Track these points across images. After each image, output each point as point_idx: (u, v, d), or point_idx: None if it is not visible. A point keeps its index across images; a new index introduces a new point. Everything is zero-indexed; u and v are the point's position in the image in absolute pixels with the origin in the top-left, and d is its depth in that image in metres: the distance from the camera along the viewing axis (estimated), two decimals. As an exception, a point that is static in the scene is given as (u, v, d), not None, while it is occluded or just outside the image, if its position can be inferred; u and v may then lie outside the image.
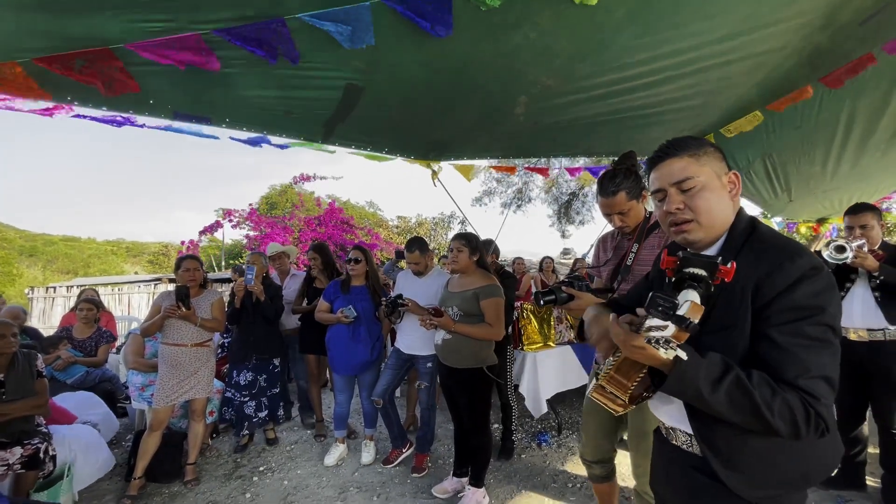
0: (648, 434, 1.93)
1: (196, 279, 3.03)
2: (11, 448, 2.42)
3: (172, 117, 3.38)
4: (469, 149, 4.87)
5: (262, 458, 3.38)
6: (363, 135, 4.24)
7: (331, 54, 2.61)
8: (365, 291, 3.38)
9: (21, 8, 1.91)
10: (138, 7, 1.97)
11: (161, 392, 2.91)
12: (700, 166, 1.00)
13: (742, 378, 0.87)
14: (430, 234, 19.16)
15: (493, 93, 3.10)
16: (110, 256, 31.79)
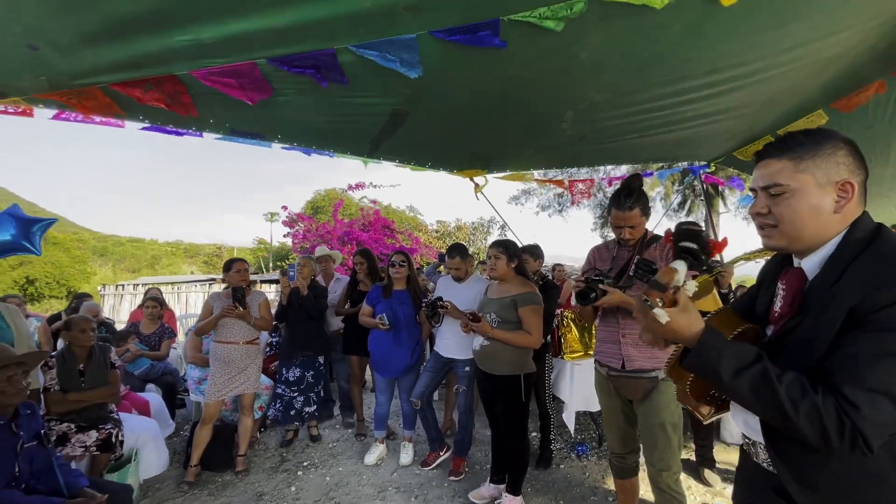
0: (658, 427, 1.96)
1: (246, 280, 3.22)
2: (88, 431, 2.67)
3: (229, 133, 3.64)
4: (513, 161, 4.88)
5: (306, 453, 3.53)
6: (407, 150, 4.36)
7: (378, 82, 2.72)
8: (406, 295, 3.46)
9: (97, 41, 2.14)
10: (205, 50, 2.16)
11: (212, 387, 3.11)
12: (798, 172, 0.91)
13: (770, 371, 0.84)
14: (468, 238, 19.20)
15: (539, 109, 3.12)
16: (170, 257, 34.20)
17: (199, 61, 2.29)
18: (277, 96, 2.75)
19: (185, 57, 2.25)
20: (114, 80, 2.47)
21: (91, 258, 26.31)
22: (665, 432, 1.96)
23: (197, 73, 2.40)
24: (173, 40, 2.10)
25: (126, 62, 2.31)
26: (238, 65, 2.40)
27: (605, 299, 1.95)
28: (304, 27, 2.14)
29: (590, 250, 2.39)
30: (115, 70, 2.38)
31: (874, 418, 0.78)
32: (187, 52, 2.16)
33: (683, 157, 5.42)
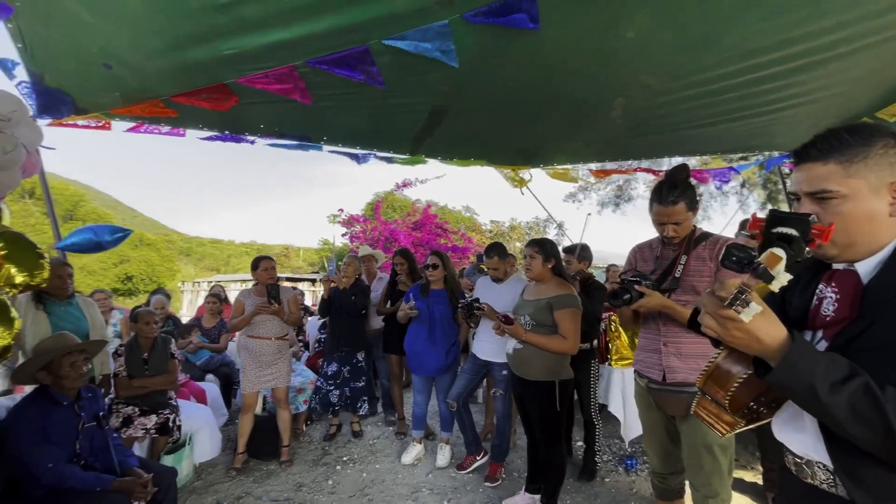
0: (704, 448, 1.75)
1: (273, 278, 3.35)
2: (149, 415, 2.91)
3: (279, 137, 3.83)
4: (559, 155, 4.69)
5: (347, 448, 3.61)
6: (449, 146, 4.34)
7: (415, 80, 2.71)
8: (443, 295, 3.43)
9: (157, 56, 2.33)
10: (249, 59, 2.27)
11: (245, 380, 3.28)
12: (847, 177, 0.83)
13: (872, 386, 0.73)
14: (523, 238, 18.83)
15: (584, 97, 2.95)
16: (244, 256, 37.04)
17: (243, 66, 2.40)
18: (319, 101, 2.84)
19: (231, 66, 2.37)
20: (173, 91, 2.68)
21: (177, 257, 29.09)
22: (712, 455, 1.75)
23: (243, 80, 2.54)
24: (221, 52, 2.24)
25: (182, 74, 2.50)
26: (279, 69, 2.51)
27: (641, 302, 1.79)
28: (341, 31, 2.18)
29: (631, 249, 2.21)
30: (173, 82, 2.59)
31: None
32: (232, 60, 2.28)
33: (759, 148, 4.91)
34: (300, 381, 3.84)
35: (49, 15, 2.07)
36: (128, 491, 1.94)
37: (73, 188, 32.64)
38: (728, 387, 0.95)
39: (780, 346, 0.80)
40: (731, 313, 0.80)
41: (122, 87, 2.69)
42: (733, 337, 0.83)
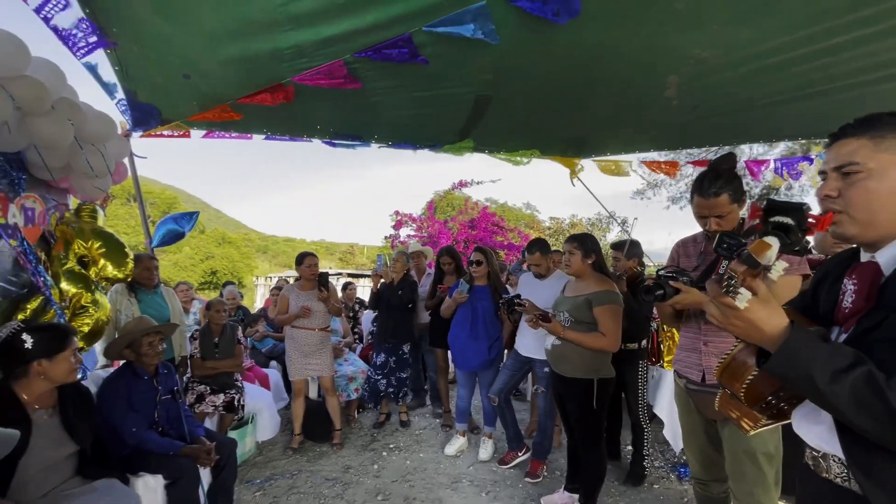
0: (746, 456, 1.65)
1: (316, 273, 3.56)
2: (218, 394, 3.24)
3: (333, 137, 4.06)
4: (610, 144, 4.52)
5: (394, 436, 3.76)
6: (496, 138, 4.34)
7: (457, 68, 2.77)
8: (487, 291, 3.46)
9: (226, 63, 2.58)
10: (304, 57, 2.46)
11: (292, 367, 3.53)
12: (878, 152, 0.82)
13: (876, 375, 0.72)
14: (584, 236, 18.19)
15: (632, 78, 2.83)
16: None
17: (298, 62, 2.57)
18: (369, 95, 2.98)
19: (288, 64, 2.57)
20: (239, 94, 2.95)
21: (255, 254, 31.59)
22: (755, 463, 1.64)
23: (297, 79, 2.75)
24: (282, 53, 2.44)
25: (245, 77, 2.74)
26: (328, 65, 2.68)
27: (676, 298, 1.71)
28: (385, 24, 2.29)
29: (674, 245, 2.11)
30: (238, 85, 2.85)
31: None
32: (288, 58, 2.46)
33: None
34: (352, 371, 4.06)
35: (139, 35, 2.37)
36: (195, 456, 2.20)
37: (169, 192, 36.56)
38: (743, 379, 0.94)
39: (779, 335, 0.80)
40: (728, 300, 0.80)
41: (197, 95, 3.02)
42: (734, 325, 0.84)
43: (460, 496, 2.82)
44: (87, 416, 1.88)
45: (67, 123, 2.27)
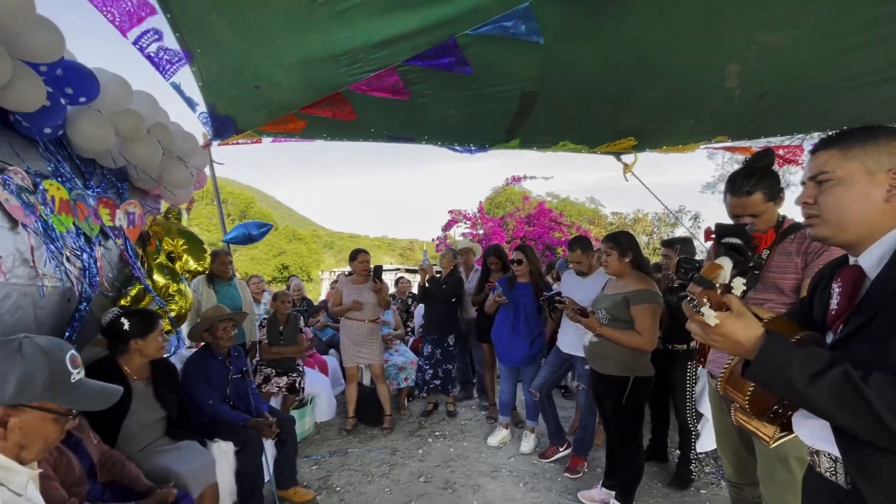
0: (777, 460, 1.61)
1: (368, 269, 3.80)
2: (282, 376, 3.61)
3: (387, 139, 4.30)
4: (667, 136, 4.35)
5: (440, 425, 3.95)
6: (544, 134, 4.34)
7: (502, 66, 2.86)
8: (529, 288, 3.52)
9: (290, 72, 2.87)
10: (359, 61, 2.67)
11: (345, 354, 3.82)
12: (844, 161, 0.89)
13: (852, 373, 0.75)
14: (649, 231, 17.30)
15: (687, 68, 2.75)
16: (375, 249, 41.21)
17: (353, 67, 2.79)
18: (416, 98, 3.16)
19: (344, 71, 2.80)
20: (303, 103, 3.25)
21: (322, 250, 33.51)
22: (786, 467, 1.59)
23: (353, 87, 2.99)
24: (339, 60, 2.68)
25: (308, 85, 3.02)
26: (380, 72, 2.88)
27: None
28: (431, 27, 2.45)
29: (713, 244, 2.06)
30: (302, 94, 3.14)
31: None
32: (346, 63, 2.69)
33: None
34: (402, 361, 4.30)
35: (218, 53, 2.70)
36: (259, 428, 2.51)
37: (246, 193, 39.75)
38: (744, 390, 0.97)
39: (755, 344, 0.85)
40: (699, 318, 0.87)
41: (267, 105, 3.35)
42: (714, 340, 0.89)
43: (498, 484, 2.93)
44: (172, 388, 2.24)
45: (158, 145, 2.66)
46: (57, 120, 2.04)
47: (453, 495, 2.78)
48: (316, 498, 2.72)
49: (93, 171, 2.45)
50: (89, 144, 2.26)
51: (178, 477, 1.94)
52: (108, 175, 2.60)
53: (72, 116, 2.14)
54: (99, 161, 2.50)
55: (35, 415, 1.00)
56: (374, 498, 2.74)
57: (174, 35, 2.49)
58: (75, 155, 2.34)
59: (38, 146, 2.10)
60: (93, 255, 2.20)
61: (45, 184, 2.01)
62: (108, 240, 2.40)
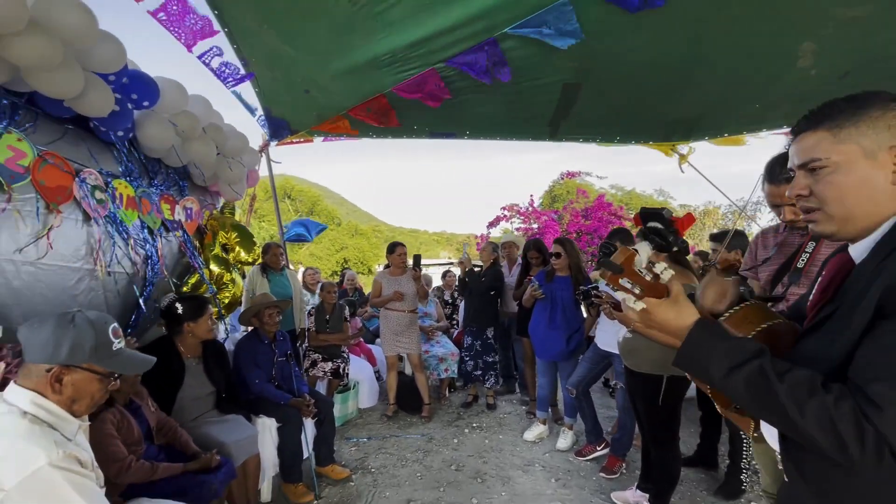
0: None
1: (405, 262, 3.90)
2: (328, 362, 3.82)
3: (428, 136, 4.38)
4: (730, 123, 4.06)
5: (478, 417, 3.98)
6: (589, 127, 4.22)
7: (541, 61, 2.83)
8: (567, 282, 3.44)
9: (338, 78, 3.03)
10: (398, 61, 2.77)
11: (385, 343, 3.94)
12: (837, 143, 0.77)
13: (767, 368, 0.71)
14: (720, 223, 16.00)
15: (751, 50, 2.57)
16: (433, 244, 41.75)
17: (393, 67, 2.90)
18: (457, 97, 3.21)
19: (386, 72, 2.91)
20: (350, 105, 3.42)
21: (382, 245, 34.63)
22: None
23: (395, 90, 3.11)
24: (380, 60, 2.79)
25: (354, 88, 3.18)
26: (422, 74, 2.96)
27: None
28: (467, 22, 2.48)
29: (755, 236, 1.92)
30: (349, 95, 3.31)
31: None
32: (387, 63, 2.80)
33: None
34: (442, 352, 4.37)
35: (271, 61, 2.93)
36: (299, 407, 2.69)
37: (314, 190, 41.96)
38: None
39: (683, 331, 0.82)
40: (630, 307, 0.84)
41: (317, 108, 3.57)
42: (649, 329, 0.86)
43: (529, 478, 2.91)
44: (221, 366, 2.47)
45: (213, 143, 2.92)
46: (126, 123, 2.32)
47: (482, 485, 2.81)
48: (351, 476, 2.87)
49: (158, 169, 2.75)
50: (154, 144, 2.53)
51: (223, 446, 2.15)
52: (172, 174, 2.90)
53: (138, 120, 2.42)
54: (164, 160, 2.79)
55: (84, 374, 1.17)
56: (406, 481, 2.84)
57: (231, 47, 2.74)
58: (143, 156, 2.64)
59: (112, 149, 2.40)
60: (154, 246, 2.48)
61: (114, 182, 2.29)
62: (169, 232, 2.69)
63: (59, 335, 1.15)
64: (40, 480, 0.97)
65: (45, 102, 1.93)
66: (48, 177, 1.94)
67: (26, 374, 1.13)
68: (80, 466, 1.06)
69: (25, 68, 1.71)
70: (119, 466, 1.68)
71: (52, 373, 1.12)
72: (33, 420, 1.07)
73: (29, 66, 1.69)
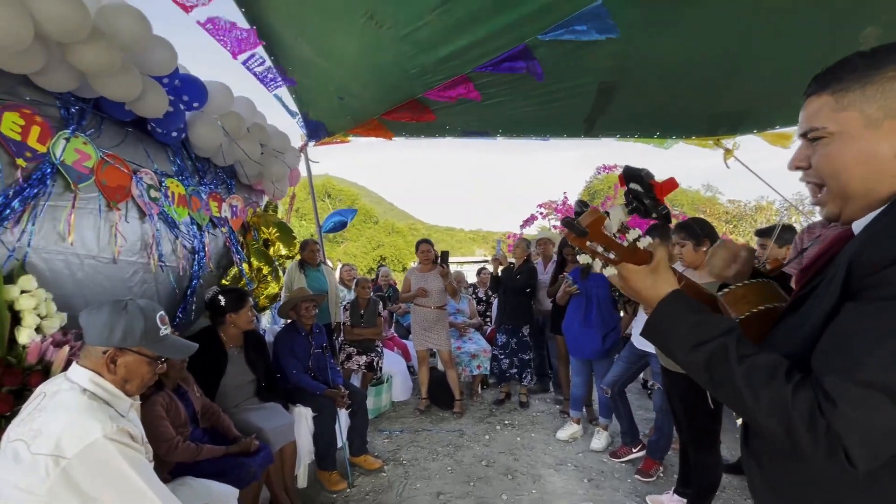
0: None
1: (430, 259, 3.92)
2: (362, 355, 3.92)
3: (461, 135, 4.41)
4: (782, 114, 3.83)
5: (511, 415, 3.96)
6: (627, 123, 4.12)
7: (575, 64, 2.79)
8: (603, 278, 3.35)
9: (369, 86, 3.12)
10: (428, 73, 2.82)
11: (414, 338, 3.99)
12: (838, 110, 0.67)
13: (730, 349, 0.67)
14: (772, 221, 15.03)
15: (809, 39, 2.44)
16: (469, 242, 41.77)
17: (423, 78, 2.96)
18: (488, 98, 3.23)
19: (417, 82, 2.97)
20: (383, 110, 3.51)
21: (418, 243, 35.08)
22: None
23: (427, 94, 3.16)
24: (409, 73, 2.86)
25: (386, 96, 3.27)
26: (452, 79, 3.00)
27: None
28: (498, 33, 2.50)
29: (800, 230, 1.81)
30: (382, 102, 3.40)
31: (860, 421, 0.55)
32: (416, 76, 2.86)
33: None
34: (475, 349, 4.38)
35: (306, 71, 3.05)
36: (333, 398, 2.78)
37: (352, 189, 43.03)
38: None
39: (657, 303, 0.78)
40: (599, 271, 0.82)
41: (351, 113, 3.69)
42: (629, 292, 0.83)
43: (561, 477, 2.87)
44: (261, 356, 2.59)
45: (257, 142, 3.06)
46: (179, 123, 2.47)
47: (512, 482, 2.80)
48: (383, 467, 2.94)
49: (207, 169, 2.91)
50: (204, 143, 2.68)
51: (261, 432, 2.26)
52: (220, 173, 3.06)
53: (189, 120, 2.57)
54: (213, 160, 2.95)
55: (135, 357, 1.27)
56: (436, 474, 2.87)
57: (269, 58, 2.89)
58: (194, 156, 2.80)
59: (166, 150, 2.57)
60: (202, 241, 2.64)
61: (167, 181, 2.45)
62: (216, 228, 2.85)
63: (113, 320, 1.25)
64: (97, 450, 1.06)
65: (109, 107, 2.10)
66: (109, 177, 2.11)
67: (86, 355, 1.24)
68: (132, 440, 1.15)
69: (91, 74, 1.86)
70: (168, 445, 1.80)
71: (108, 354, 1.22)
72: (91, 397, 1.17)
73: (93, 72, 1.84)
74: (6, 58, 1.60)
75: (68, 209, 1.90)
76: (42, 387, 1.22)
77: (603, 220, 0.77)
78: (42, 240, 1.80)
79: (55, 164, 1.82)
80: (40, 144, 1.77)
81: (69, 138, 1.89)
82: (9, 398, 1.43)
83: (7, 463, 1.06)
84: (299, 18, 2.47)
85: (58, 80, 1.81)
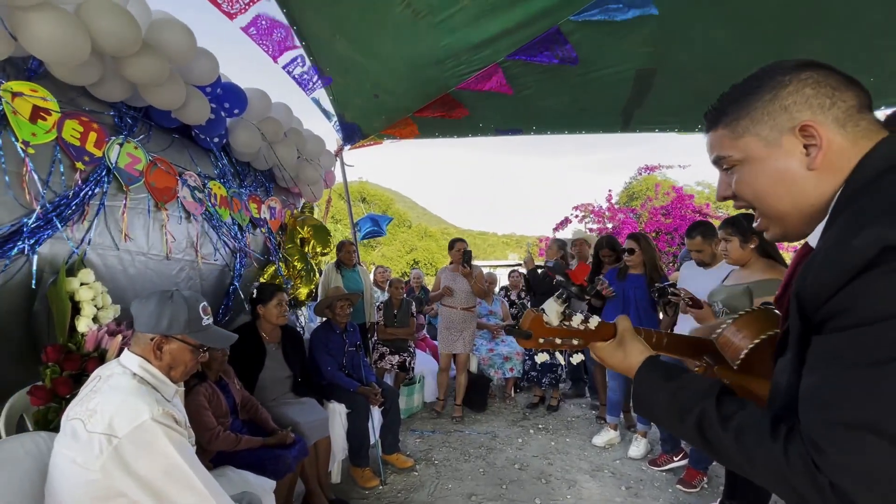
0: None
1: (458, 258, 3.88)
2: (395, 355, 3.95)
3: (494, 132, 4.40)
4: None
5: (545, 419, 3.88)
6: (666, 115, 3.99)
7: (612, 47, 2.74)
8: (641, 280, 3.24)
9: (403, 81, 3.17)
10: (462, 63, 2.84)
11: (441, 342, 3.94)
12: (735, 139, 0.68)
13: (709, 413, 0.63)
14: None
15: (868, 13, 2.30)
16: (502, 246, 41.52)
17: (457, 69, 2.98)
18: (520, 91, 3.20)
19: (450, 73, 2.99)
20: (417, 106, 3.55)
21: (451, 247, 35.15)
22: None
23: (460, 87, 3.18)
24: (443, 64, 2.88)
25: (420, 89, 3.30)
26: (485, 70, 3.00)
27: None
28: (530, 19, 2.49)
29: None
30: (415, 97, 3.44)
31: (854, 466, 0.49)
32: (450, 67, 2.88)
33: None
34: (507, 351, 4.33)
35: (341, 66, 3.13)
36: (366, 395, 2.82)
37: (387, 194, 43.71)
38: None
39: (634, 375, 0.78)
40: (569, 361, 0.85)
41: (385, 111, 3.75)
42: (608, 367, 0.87)
43: (597, 483, 2.78)
44: (297, 352, 2.66)
45: (294, 146, 3.17)
46: (220, 129, 2.59)
47: (546, 486, 2.74)
48: (415, 466, 2.94)
49: (247, 173, 3.03)
50: (244, 148, 2.80)
51: (297, 426, 2.31)
52: (259, 176, 3.18)
53: (230, 126, 2.69)
54: (252, 164, 3.08)
55: (179, 345, 1.33)
56: (468, 475, 2.85)
57: (309, 59, 2.98)
58: (235, 160, 2.93)
59: (209, 155, 2.69)
60: (243, 240, 2.74)
61: (210, 184, 2.57)
62: (256, 228, 2.96)
63: (160, 309, 1.32)
64: (145, 431, 1.12)
65: (156, 115, 2.23)
66: (158, 179, 2.24)
67: (136, 341, 1.31)
68: (176, 424, 1.21)
69: (140, 85, 1.98)
70: (210, 434, 1.88)
71: (155, 341, 1.29)
72: (140, 381, 1.24)
73: (143, 83, 1.96)
74: (66, 71, 1.73)
75: (121, 209, 2.02)
76: (98, 370, 1.30)
77: (539, 317, 0.81)
78: (98, 237, 1.93)
79: (110, 167, 1.95)
80: (97, 149, 1.90)
81: (122, 143, 2.02)
82: (68, 381, 1.54)
83: (66, 439, 1.13)
84: (338, 15, 2.53)
85: (112, 90, 1.94)
